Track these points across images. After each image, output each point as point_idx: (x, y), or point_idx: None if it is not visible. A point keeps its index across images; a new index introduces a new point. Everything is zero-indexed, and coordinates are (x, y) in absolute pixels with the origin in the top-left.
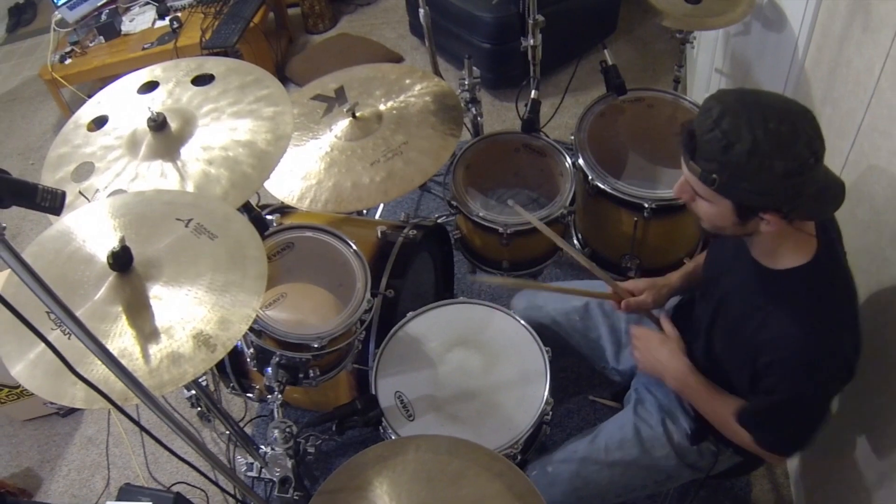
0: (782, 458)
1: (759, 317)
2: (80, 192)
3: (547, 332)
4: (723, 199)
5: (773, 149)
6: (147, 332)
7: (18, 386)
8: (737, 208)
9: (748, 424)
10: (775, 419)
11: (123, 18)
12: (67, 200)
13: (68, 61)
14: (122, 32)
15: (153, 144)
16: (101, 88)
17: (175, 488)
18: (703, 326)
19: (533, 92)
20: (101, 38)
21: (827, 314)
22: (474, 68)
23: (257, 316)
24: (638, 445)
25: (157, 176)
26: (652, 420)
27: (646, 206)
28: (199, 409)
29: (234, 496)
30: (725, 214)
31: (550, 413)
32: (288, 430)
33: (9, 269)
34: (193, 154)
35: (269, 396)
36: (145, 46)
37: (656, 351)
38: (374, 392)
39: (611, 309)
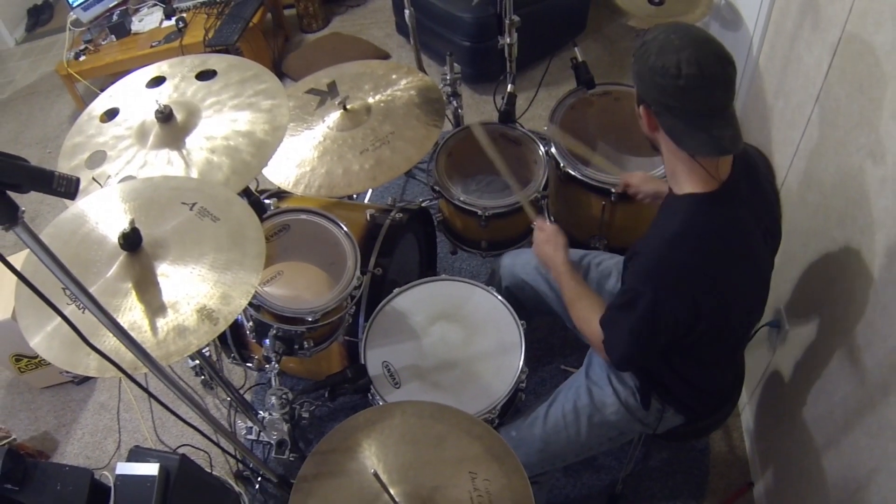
0: (614, 363)
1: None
2: (93, 179)
3: (526, 289)
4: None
5: (657, 47)
6: (155, 306)
7: (37, 356)
8: (638, 99)
9: (601, 321)
10: (615, 315)
11: (133, 19)
12: (81, 186)
13: (82, 58)
14: (132, 31)
15: (160, 134)
16: (112, 83)
17: (181, 450)
18: None
19: (509, 86)
20: (113, 36)
21: (686, 243)
22: (455, 64)
23: (256, 292)
24: (591, 405)
25: (164, 163)
26: (601, 381)
27: (613, 191)
28: (202, 377)
29: (234, 457)
30: (635, 106)
31: (525, 381)
32: (284, 396)
33: (28, 249)
34: (197, 143)
35: (267, 366)
36: (153, 44)
37: (545, 244)
38: (363, 362)
39: (584, 274)
